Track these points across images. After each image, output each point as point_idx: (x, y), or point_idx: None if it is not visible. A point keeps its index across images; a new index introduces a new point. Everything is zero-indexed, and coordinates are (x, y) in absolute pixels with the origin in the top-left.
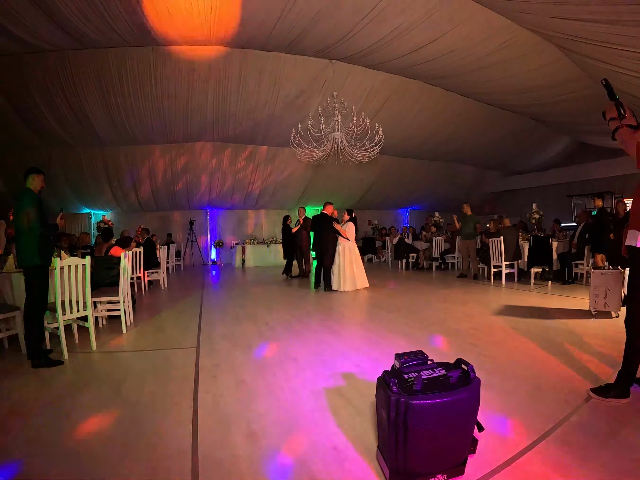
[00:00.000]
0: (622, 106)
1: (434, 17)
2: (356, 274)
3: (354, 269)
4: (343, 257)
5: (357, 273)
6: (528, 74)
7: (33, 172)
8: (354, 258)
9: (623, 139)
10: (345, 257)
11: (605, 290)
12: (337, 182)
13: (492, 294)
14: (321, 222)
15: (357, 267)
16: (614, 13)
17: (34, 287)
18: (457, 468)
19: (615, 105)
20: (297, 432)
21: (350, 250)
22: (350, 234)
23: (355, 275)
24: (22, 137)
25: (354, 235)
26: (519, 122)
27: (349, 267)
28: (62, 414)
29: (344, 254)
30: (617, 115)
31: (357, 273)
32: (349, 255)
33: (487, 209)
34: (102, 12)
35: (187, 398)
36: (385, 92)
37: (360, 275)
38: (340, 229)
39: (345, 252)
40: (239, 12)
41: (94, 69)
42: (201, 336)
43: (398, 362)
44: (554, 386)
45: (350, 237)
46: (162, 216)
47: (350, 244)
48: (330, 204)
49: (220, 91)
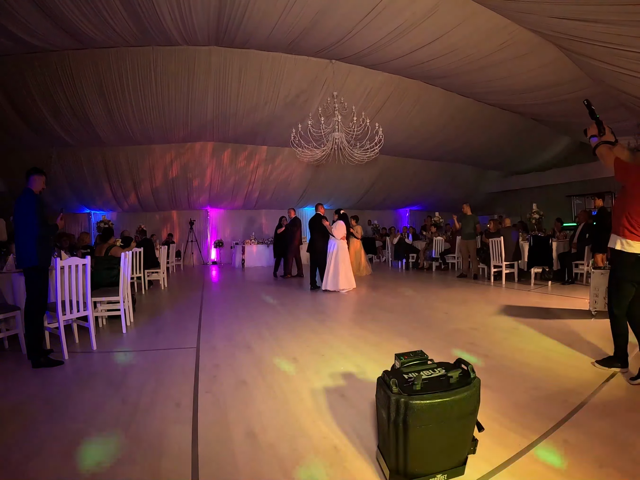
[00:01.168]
0: (602, 125)
1: (433, 17)
2: (346, 274)
3: (343, 268)
4: (334, 256)
5: (346, 273)
6: (528, 74)
7: (35, 172)
8: (342, 257)
9: (602, 153)
10: (338, 255)
11: (605, 290)
12: (337, 182)
13: (492, 294)
14: (314, 223)
15: (346, 267)
16: (614, 13)
17: (34, 287)
18: (457, 468)
19: (596, 124)
20: (297, 432)
21: (343, 249)
22: (338, 231)
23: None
24: (22, 137)
25: (343, 233)
26: (519, 122)
27: (341, 266)
28: (62, 414)
29: (335, 252)
30: (597, 133)
31: (346, 273)
32: (341, 254)
33: (487, 209)
34: (102, 12)
35: (187, 398)
36: (385, 92)
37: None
38: (328, 226)
39: (341, 252)
40: (239, 12)
41: (94, 69)
42: (201, 336)
43: (398, 362)
44: (554, 386)
45: (338, 235)
46: (162, 216)
47: (341, 243)
48: (320, 205)
49: (220, 91)
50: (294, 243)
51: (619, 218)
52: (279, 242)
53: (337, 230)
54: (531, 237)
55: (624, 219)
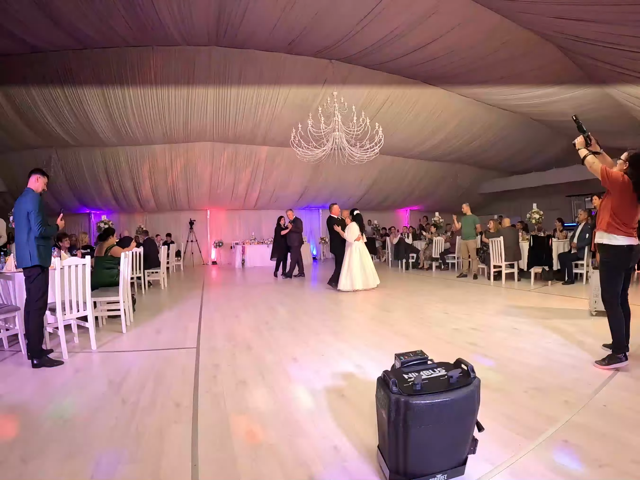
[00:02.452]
0: (589, 137)
1: (434, 17)
2: (367, 274)
3: (359, 268)
4: (350, 257)
5: (367, 272)
6: (528, 74)
7: (37, 172)
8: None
9: (590, 162)
10: (352, 256)
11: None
12: (337, 182)
13: (492, 294)
14: (328, 225)
15: (364, 267)
16: (613, 13)
17: (34, 287)
18: (457, 468)
19: (584, 137)
20: (297, 432)
21: (358, 250)
22: (349, 234)
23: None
24: (22, 137)
25: (355, 236)
26: (519, 122)
27: (355, 267)
28: (62, 414)
29: (352, 254)
30: (585, 145)
31: (367, 272)
32: (356, 255)
33: (487, 209)
34: (102, 12)
35: (187, 398)
36: (385, 92)
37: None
38: (339, 230)
39: (353, 253)
40: (239, 12)
41: (94, 69)
42: (201, 336)
43: (398, 362)
44: (554, 386)
45: (349, 238)
46: (162, 216)
47: (357, 244)
48: (334, 205)
49: (220, 91)
50: (295, 244)
51: (605, 217)
52: (280, 242)
53: (349, 234)
54: (531, 237)
55: (610, 219)
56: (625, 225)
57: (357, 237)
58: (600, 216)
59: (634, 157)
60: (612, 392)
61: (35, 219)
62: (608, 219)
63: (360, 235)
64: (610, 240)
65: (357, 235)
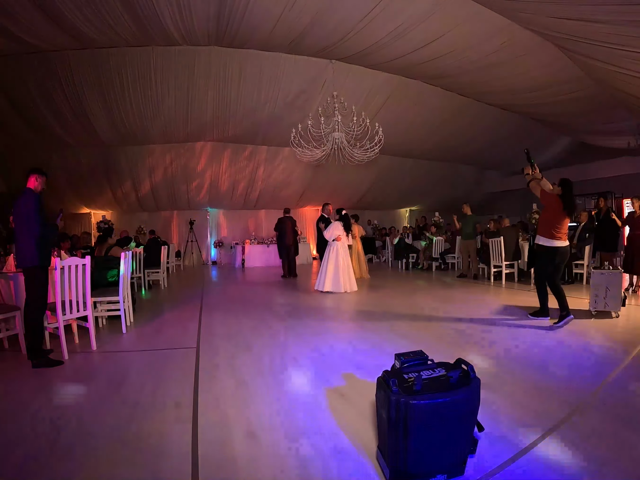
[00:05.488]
0: (533, 166)
1: (434, 17)
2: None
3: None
4: (326, 257)
5: (343, 276)
6: (528, 74)
7: (36, 172)
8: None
9: (534, 186)
10: (329, 257)
11: (605, 290)
12: (337, 182)
13: (492, 294)
14: (317, 224)
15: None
16: (613, 13)
17: (33, 287)
18: (457, 468)
19: (530, 166)
20: (297, 432)
21: (335, 251)
22: (327, 233)
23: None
24: (22, 137)
25: (334, 235)
26: (519, 122)
27: (329, 268)
28: (62, 414)
29: (329, 254)
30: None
31: (343, 275)
32: (332, 256)
33: (487, 209)
34: (102, 12)
35: (187, 398)
36: (385, 92)
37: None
38: (322, 227)
39: (330, 253)
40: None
41: (94, 69)
42: (201, 336)
43: (398, 362)
44: (553, 386)
45: (327, 236)
46: (162, 216)
47: (336, 245)
48: (328, 205)
49: (220, 91)
50: (285, 243)
51: (546, 226)
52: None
53: (327, 231)
54: (531, 237)
55: (550, 228)
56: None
57: (337, 237)
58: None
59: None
60: (612, 392)
61: (34, 219)
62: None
63: (345, 237)
64: (552, 244)
65: (337, 235)
